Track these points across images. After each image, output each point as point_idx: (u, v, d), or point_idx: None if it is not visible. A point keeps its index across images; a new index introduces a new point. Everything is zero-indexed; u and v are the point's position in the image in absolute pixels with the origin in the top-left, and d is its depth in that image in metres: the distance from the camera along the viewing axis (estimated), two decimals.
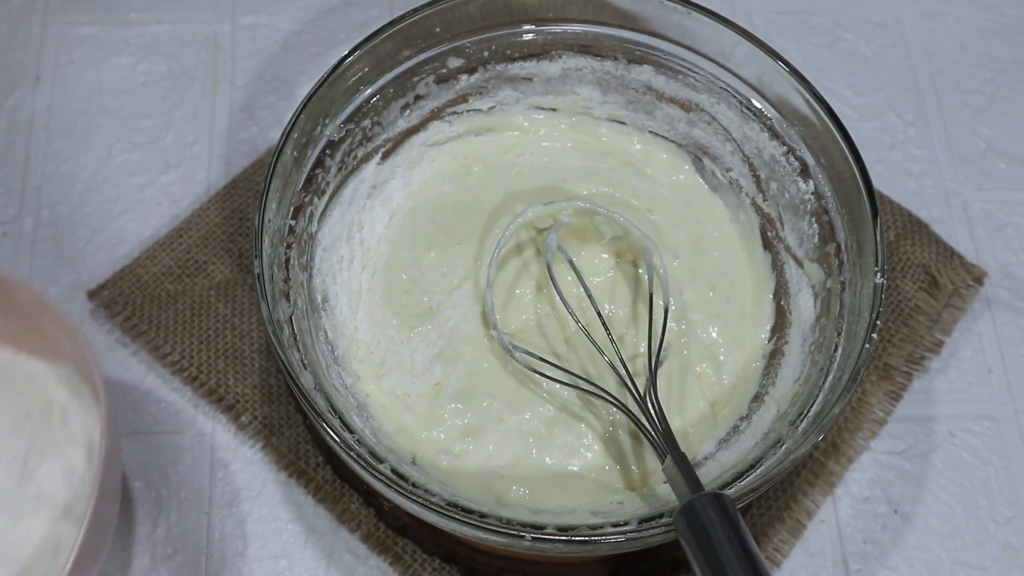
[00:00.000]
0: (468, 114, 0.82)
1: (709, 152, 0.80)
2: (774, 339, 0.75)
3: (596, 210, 0.76)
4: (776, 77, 0.74)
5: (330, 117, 0.74)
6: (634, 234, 0.75)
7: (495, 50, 0.79)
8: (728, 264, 0.79)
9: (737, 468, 0.64)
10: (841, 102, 0.93)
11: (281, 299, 0.68)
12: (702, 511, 0.58)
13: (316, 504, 0.75)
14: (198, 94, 0.91)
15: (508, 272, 0.77)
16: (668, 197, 0.81)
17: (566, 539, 0.59)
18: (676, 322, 0.76)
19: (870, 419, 0.79)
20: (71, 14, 0.95)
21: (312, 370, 0.66)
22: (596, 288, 0.77)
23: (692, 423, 0.73)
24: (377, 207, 0.80)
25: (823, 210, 0.73)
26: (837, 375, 0.66)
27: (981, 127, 0.93)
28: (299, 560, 0.74)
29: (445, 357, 0.74)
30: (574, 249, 0.78)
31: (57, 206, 0.85)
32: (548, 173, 0.82)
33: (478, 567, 0.72)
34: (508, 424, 0.72)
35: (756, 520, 0.75)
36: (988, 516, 0.77)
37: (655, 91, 0.80)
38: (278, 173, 0.69)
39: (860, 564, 0.75)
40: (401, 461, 0.67)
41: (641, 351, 0.74)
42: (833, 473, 0.77)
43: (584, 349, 0.74)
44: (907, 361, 0.81)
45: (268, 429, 0.77)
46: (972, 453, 0.79)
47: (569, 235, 0.78)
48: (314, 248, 0.75)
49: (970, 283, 0.84)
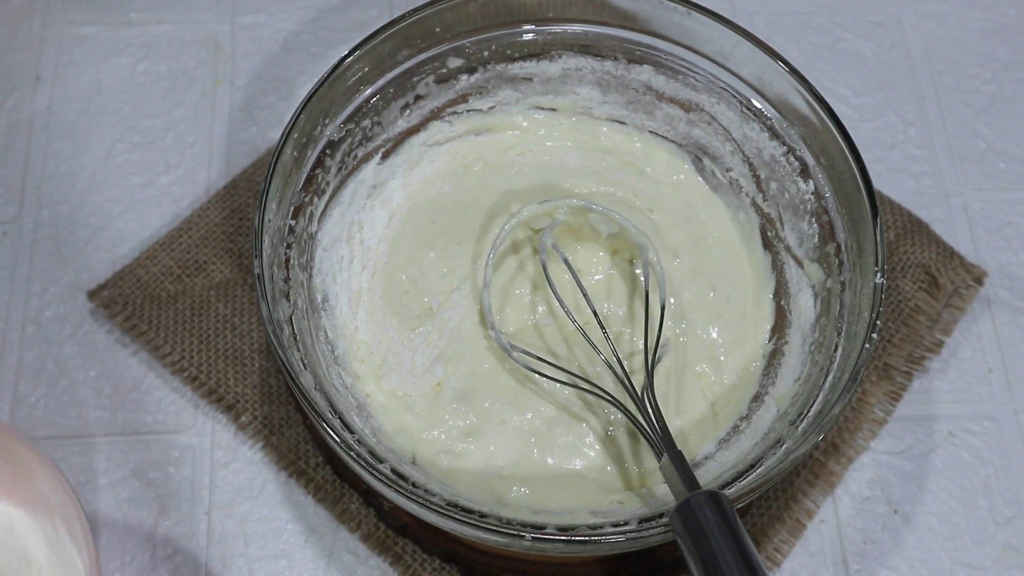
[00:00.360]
0: (468, 114, 0.82)
1: (709, 152, 0.80)
2: (774, 339, 0.75)
3: (591, 207, 0.76)
4: (776, 77, 0.74)
5: (330, 117, 0.74)
6: (630, 231, 0.75)
7: (495, 50, 0.79)
8: (729, 264, 0.79)
9: (737, 468, 0.64)
10: (841, 102, 0.93)
11: (281, 299, 0.68)
12: (698, 509, 0.58)
13: (316, 504, 0.75)
14: (198, 94, 0.91)
15: (506, 272, 0.78)
16: (669, 197, 0.81)
17: (566, 539, 0.60)
18: (676, 322, 0.76)
19: (870, 419, 0.79)
20: (71, 14, 0.95)
21: (312, 370, 0.66)
22: (594, 286, 0.77)
23: (693, 423, 0.73)
24: (377, 207, 0.80)
25: (823, 210, 0.73)
26: (837, 375, 0.66)
27: (981, 127, 0.93)
28: (299, 560, 0.74)
29: (446, 358, 0.74)
30: (571, 248, 0.78)
31: (57, 206, 0.85)
32: (548, 172, 0.82)
33: (478, 567, 0.72)
34: (510, 424, 0.72)
35: (756, 520, 0.75)
36: (988, 516, 0.77)
37: (655, 91, 0.80)
38: (278, 173, 0.69)
39: (860, 564, 0.75)
40: (401, 461, 0.67)
41: (639, 348, 0.74)
42: (833, 473, 0.77)
43: (583, 348, 0.74)
44: (907, 361, 0.81)
45: (268, 429, 0.77)
46: (972, 453, 0.79)
47: (566, 234, 0.78)
48: (314, 248, 0.75)
49: (970, 283, 0.84)
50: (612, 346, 0.70)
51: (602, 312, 0.75)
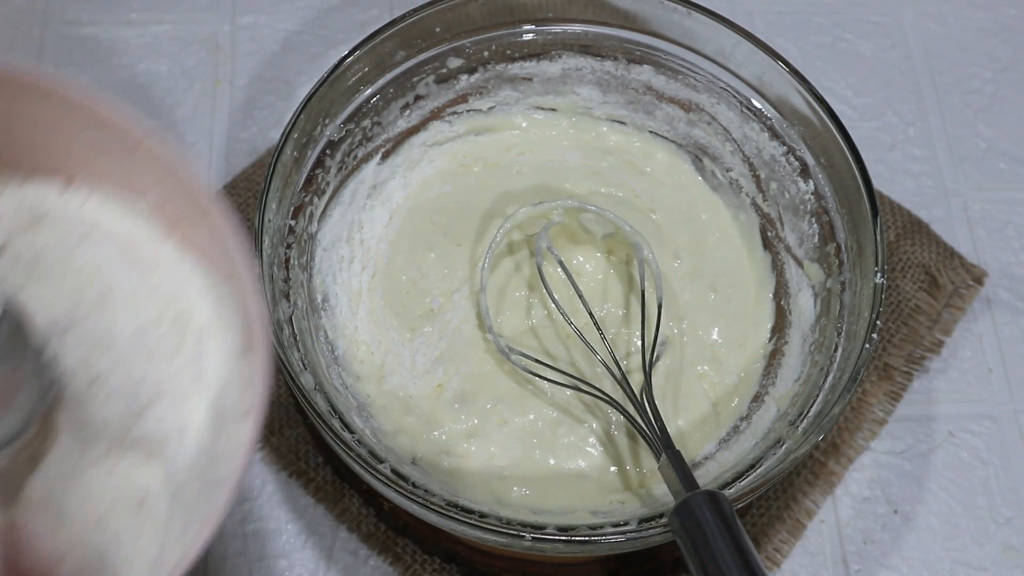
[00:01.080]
0: (468, 114, 0.82)
1: (709, 152, 0.80)
2: (774, 339, 0.75)
3: (584, 207, 0.76)
4: (776, 77, 0.74)
5: (330, 117, 0.74)
6: (624, 230, 0.75)
7: (495, 50, 0.79)
8: (730, 265, 0.79)
9: (737, 468, 0.64)
10: (841, 102, 0.93)
11: (281, 299, 0.68)
12: (697, 510, 0.58)
13: (316, 504, 0.75)
14: (198, 94, 0.91)
15: (504, 274, 0.77)
16: (670, 197, 0.81)
17: (566, 539, 0.60)
18: (677, 322, 0.76)
19: (870, 419, 0.79)
20: (71, 14, 0.95)
21: (312, 370, 0.66)
22: (591, 287, 0.77)
23: (695, 423, 0.73)
24: (377, 207, 0.80)
25: (823, 210, 0.73)
26: (837, 375, 0.66)
27: (981, 127, 0.93)
28: (299, 560, 0.74)
29: (447, 359, 0.74)
30: (567, 249, 0.78)
31: None
32: (549, 172, 0.82)
33: (478, 567, 0.72)
34: (511, 426, 0.72)
35: (756, 520, 0.75)
36: (988, 516, 0.77)
37: (655, 91, 0.80)
38: (278, 173, 0.69)
39: (860, 564, 0.75)
40: (401, 461, 0.67)
41: (638, 348, 0.74)
42: (833, 473, 0.77)
43: (581, 349, 0.74)
44: (907, 361, 0.81)
45: (268, 429, 0.77)
46: (972, 453, 0.79)
47: (562, 236, 0.78)
48: (314, 248, 0.75)
49: (970, 283, 0.84)
50: (609, 348, 0.70)
51: (600, 313, 0.75)
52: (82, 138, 0.56)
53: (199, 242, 0.57)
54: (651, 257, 0.74)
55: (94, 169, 0.59)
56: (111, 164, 0.57)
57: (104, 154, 0.57)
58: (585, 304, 0.72)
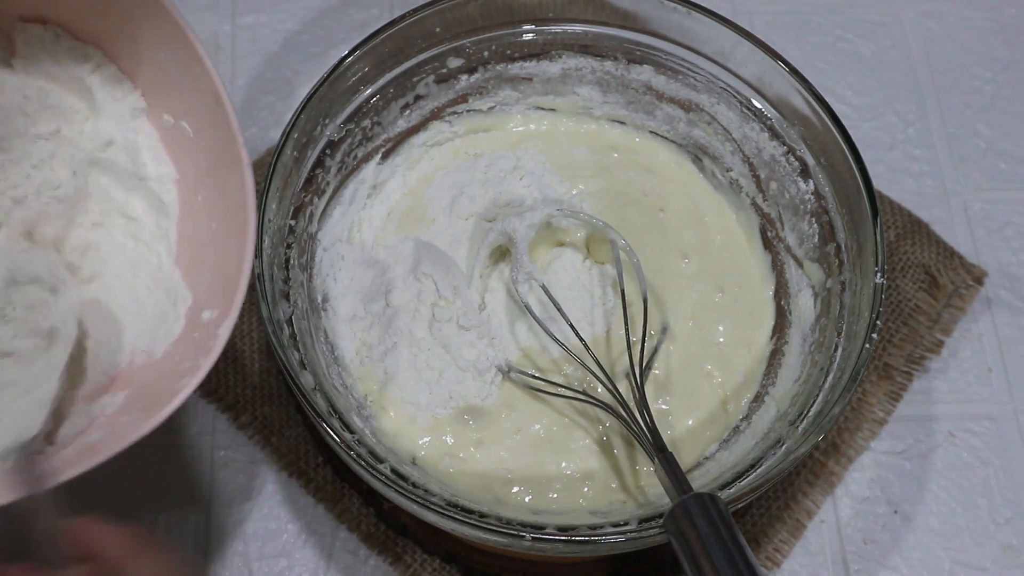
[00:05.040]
0: (468, 114, 0.82)
1: (709, 152, 0.80)
2: (774, 339, 0.75)
3: (551, 216, 0.75)
4: (776, 77, 0.74)
5: (330, 117, 0.74)
6: (597, 226, 0.74)
7: (495, 50, 0.79)
8: (736, 265, 0.78)
9: (737, 468, 0.64)
10: (841, 102, 0.93)
11: (281, 299, 0.68)
12: (692, 512, 0.58)
13: (316, 504, 0.75)
14: None
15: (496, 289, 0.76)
16: (677, 196, 0.81)
17: (566, 539, 0.59)
18: (684, 322, 0.75)
19: (870, 419, 0.79)
20: None
21: (312, 370, 0.66)
22: (577, 296, 0.75)
23: (704, 421, 0.72)
24: (377, 207, 0.80)
25: (823, 210, 0.73)
26: (837, 375, 0.66)
27: (981, 127, 0.93)
28: (299, 560, 0.74)
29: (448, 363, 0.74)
30: (551, 255, 0.77)
31: None
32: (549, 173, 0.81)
33: (478, 567, 0.72)
34: (513, 431, 0.71)
35: (756, 520, 0.75)
36: (988, 516, 0.77)
37: (655, 91, 0.80)
38: (278, 173, 0.69)
39: (860, 564, 0.75)
40: (401, 461, 0.67)
41: (638, 349, 0.74)
42: (833, 473, 0.77)
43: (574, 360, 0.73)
44: (907, 361, 0.81)
45: (268, 429, 0.77)
46: (972, 453, 0.79)
47: (542, 244, 0.77)
48: (314, 248, 0.75)
49: (970, 283, 0.84)
50: (596, 359, 0.69)
51: (590, 320, 0.74)
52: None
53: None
54: (628, 250, 0.73)
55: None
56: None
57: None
58: (574, 329, 0.70)
